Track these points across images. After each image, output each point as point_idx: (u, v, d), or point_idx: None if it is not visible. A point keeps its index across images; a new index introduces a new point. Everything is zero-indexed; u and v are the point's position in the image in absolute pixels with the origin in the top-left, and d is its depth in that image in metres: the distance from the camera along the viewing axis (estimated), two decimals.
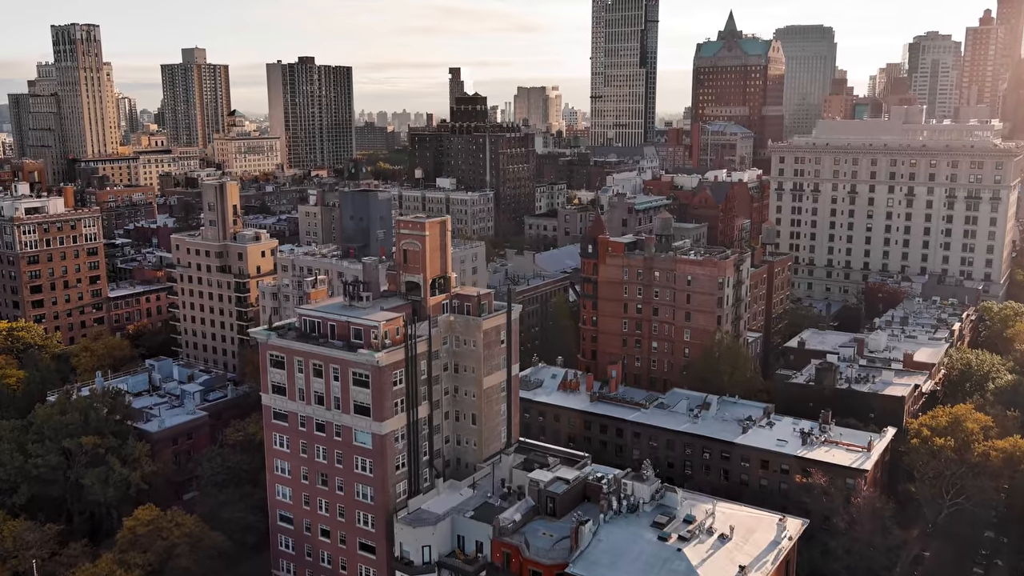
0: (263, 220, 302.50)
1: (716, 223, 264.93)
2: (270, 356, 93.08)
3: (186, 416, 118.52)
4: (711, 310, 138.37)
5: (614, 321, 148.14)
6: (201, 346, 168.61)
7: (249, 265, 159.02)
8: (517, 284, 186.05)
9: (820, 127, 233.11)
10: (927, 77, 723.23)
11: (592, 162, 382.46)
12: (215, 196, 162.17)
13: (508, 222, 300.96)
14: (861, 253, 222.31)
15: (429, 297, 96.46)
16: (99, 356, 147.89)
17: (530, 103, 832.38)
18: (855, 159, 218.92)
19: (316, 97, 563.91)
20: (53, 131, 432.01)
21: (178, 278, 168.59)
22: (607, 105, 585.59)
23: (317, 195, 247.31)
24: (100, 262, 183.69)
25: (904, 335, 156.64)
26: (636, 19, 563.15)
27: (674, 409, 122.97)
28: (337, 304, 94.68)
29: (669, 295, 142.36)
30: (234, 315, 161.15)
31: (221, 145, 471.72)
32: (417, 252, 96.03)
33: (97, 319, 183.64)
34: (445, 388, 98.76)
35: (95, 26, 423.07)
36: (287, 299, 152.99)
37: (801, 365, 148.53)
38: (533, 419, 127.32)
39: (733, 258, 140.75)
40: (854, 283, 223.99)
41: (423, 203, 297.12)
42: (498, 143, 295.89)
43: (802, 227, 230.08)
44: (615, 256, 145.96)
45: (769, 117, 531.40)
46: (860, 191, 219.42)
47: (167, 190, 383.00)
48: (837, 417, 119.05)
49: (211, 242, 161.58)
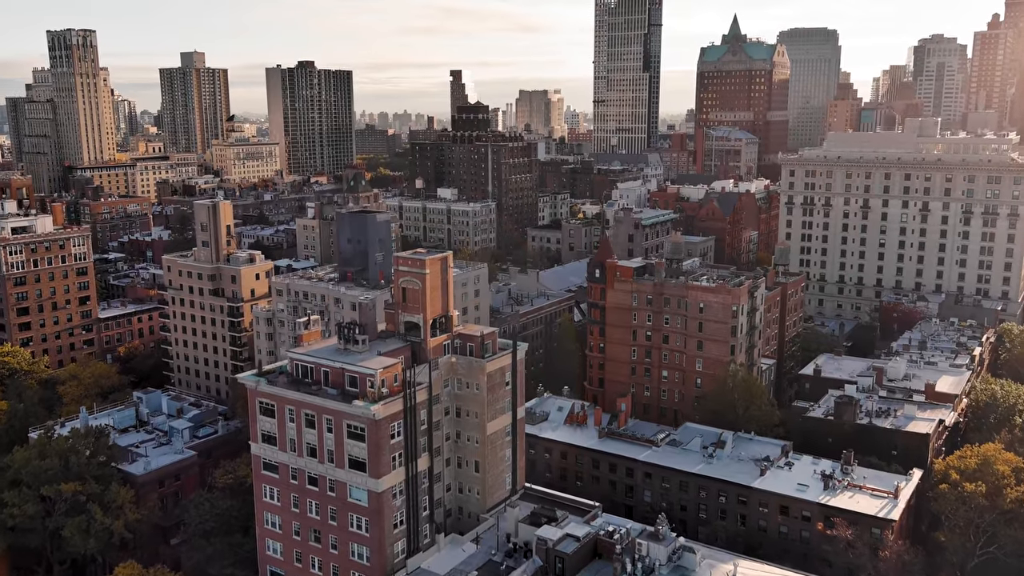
0: (260, 231, 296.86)
1: (724, 235, 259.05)
2: (260, 403, 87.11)
3: (174, 456, 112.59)
4: (724, 339, 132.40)
5: (622, 348, 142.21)
6: (193, 371, 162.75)
7: (243, 289, 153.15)
8: (520, 304, 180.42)
9: (831, 139, 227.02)
10: (932, 80, 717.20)
11: (596, 170, 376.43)
12: (208, 217, 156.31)
13: (511, 233, 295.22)
14: (874, 269, 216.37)
15: (429, 338, 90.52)
16: (86, 385, 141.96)
17: (532, 106, 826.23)
18: (868, 173, 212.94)
19: (316, 101, 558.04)
20: (49, 138, 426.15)
21: (169, 300, 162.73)
22: (610, 109, 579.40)
23: (315, 208, 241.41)
24: (90, 282, 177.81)
25: (923, 361, 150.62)
26: (639, 23, 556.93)
27: (687, 446, 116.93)
28: (331, 347, 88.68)
29: (680, 322, 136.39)
30: (227, 340, 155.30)
31: (220, 151, 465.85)
32: (417, 291, 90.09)
33: (87, 341, 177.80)
34: (446, 433, 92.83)
35: (91, 31, 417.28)
36: (282, 324, 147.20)
37: (817, 394, 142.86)
38: (539, 455, 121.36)
39: (747, 285, 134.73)
40: (866, 300, 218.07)
41: (424, 214, 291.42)
42: (500, 152, 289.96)
43: (813, 242, 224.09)
44: (624, 281, 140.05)
45: (774, 122, 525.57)
46: (873, 206, 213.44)
47: (164, 199, 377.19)
48: (858, 455, 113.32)
49: (204, 264, 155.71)
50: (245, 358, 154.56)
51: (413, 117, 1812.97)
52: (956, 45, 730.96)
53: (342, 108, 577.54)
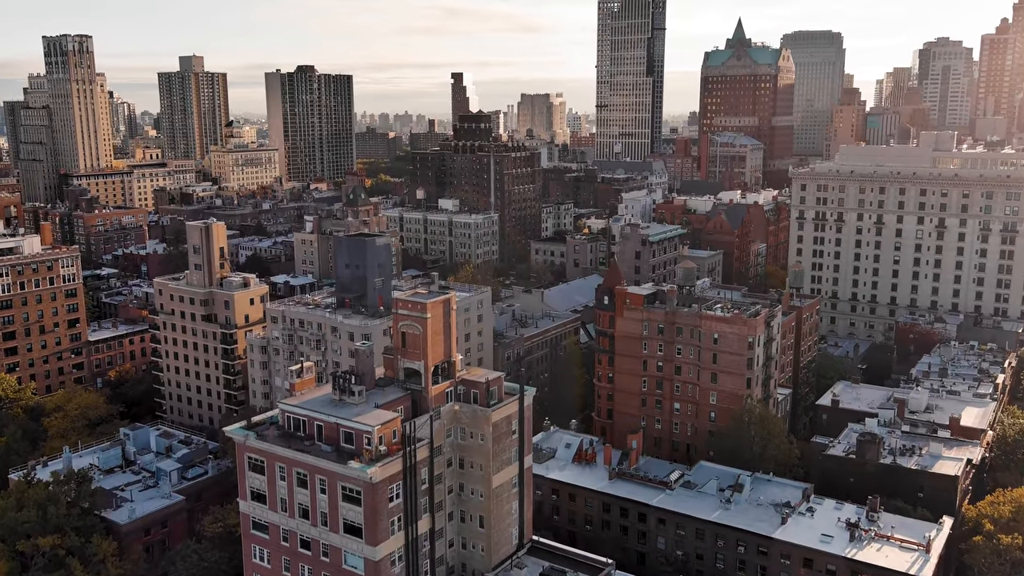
0: (258, 243, 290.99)
1: (732, 249, 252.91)
2: (248, 459, 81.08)
3: (161, 501, 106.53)
4: (740, 372, 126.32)
5: (632, 379, 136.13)
6: (185, 399, 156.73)
7: (236, 314, 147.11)
8: (524, 325, 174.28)
9: (843, 152, 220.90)
10: (938, 84, 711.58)
11: (600, 178, 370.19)
12: (200, 239, 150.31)
13: (514, 244, 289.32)
14: (888, 287, 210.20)
15: (431, 386, 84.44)
16: (72, 417, 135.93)
17: (534, 109, 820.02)
18: (882, 188, 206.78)
19: (316, 106, 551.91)
20: (45, 145, 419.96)
21: (161, 325, 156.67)
22: (612, 114, 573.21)
23: (314, 223, 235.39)
24: (80, 304, 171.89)
25: (944, 390, 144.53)
26: (643, 27, 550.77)
27: (703, 489, 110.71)
28: (326, 398, 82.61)
29: (693, 353, 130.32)
30: (220, 368, 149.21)
31: (218, 158, 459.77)
32: (417, 336, 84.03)
33: (76, 364, 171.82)
34: (449, 486, 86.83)
35: (87, 37, 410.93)
36: (277, 352, 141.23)
37: (835, 426, 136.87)
38: (546, 496, 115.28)
39: (763, 314, 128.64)
40: (880, 318, 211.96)
41: (425, 225, 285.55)
42: (503, 163, 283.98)
43: (824, 258, 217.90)
44: (634, 309, 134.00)
45: (779, 127, 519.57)
46: (887, 222, 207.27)
47: (161, 208, 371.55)
48: (882, 496, 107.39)
49: (196, 289, 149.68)
50: (239, 386, 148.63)
51: (414, 118, 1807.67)
52: (962, 48, 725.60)
53: (342, 112, 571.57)
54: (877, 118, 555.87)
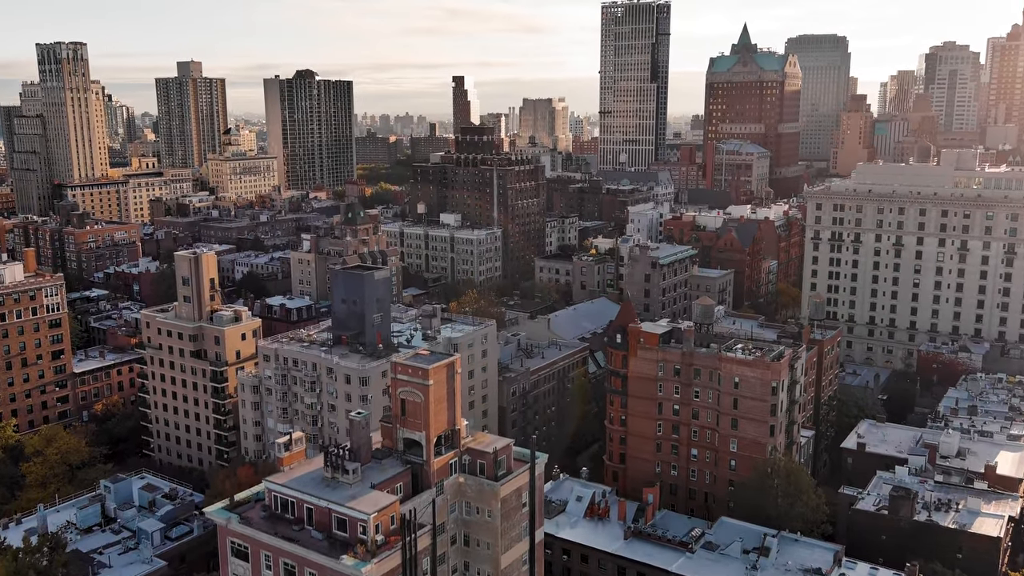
0: (255, 259, 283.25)
1: (743, 267, 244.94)
2: (231, 543, 73.22)
3: (141, 567, 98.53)
4: (763, 419, 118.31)
5: (646, 423, 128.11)
6: (173, 437, 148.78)
7: (227, 351, 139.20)
8: (530, 355, 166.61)
9: (861, 171, 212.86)
10: (944, 88, 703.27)
11: (604, 190, 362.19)
12: (190, 270, 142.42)
13: (517, 260, 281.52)
14: (907, 311, 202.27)
15: (433, 459, 76.58)
16: (52, 463, 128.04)
17: (536, 114, 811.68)
18: (901, 208, 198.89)
19: (315, 112, 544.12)
20: (39, 154, 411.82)
21: (148, 360, 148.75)
22: (616, 120, 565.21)
23: (311, 241, 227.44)
24: (64, 334, 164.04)
25: (976, 430, 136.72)
26: (647, 32, 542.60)
27: (726, 551, 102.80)
28: (317, 475, 74.62)
29: (712, 397, 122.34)
30: (210, 407, 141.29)
31: (216, 166, 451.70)
32: (418, 404, 76.18)
33: (60, 398, 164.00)
34: (453, 566, 79.11)
35: (82, 44, 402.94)
36: (269, 392, 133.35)
37: (861, 471, 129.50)
38: (556, 558, 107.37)
39: (787, 356, 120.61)
40: (899, 344, 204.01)
41: (426, 241, 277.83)
42: (506, 177, 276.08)
43: (841, 280, 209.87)
44: (648, 349, 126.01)
45: (785, 134, 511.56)
46: (907, 243, 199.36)
47: (157, 220, 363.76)
48: (917, 557, 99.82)
49: (184, 323, 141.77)
50: (230, 427, 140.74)
51: (415, 119, 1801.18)
52: (969, 53, 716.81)
53: (342, 119, 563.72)
54: (885, 125, 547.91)
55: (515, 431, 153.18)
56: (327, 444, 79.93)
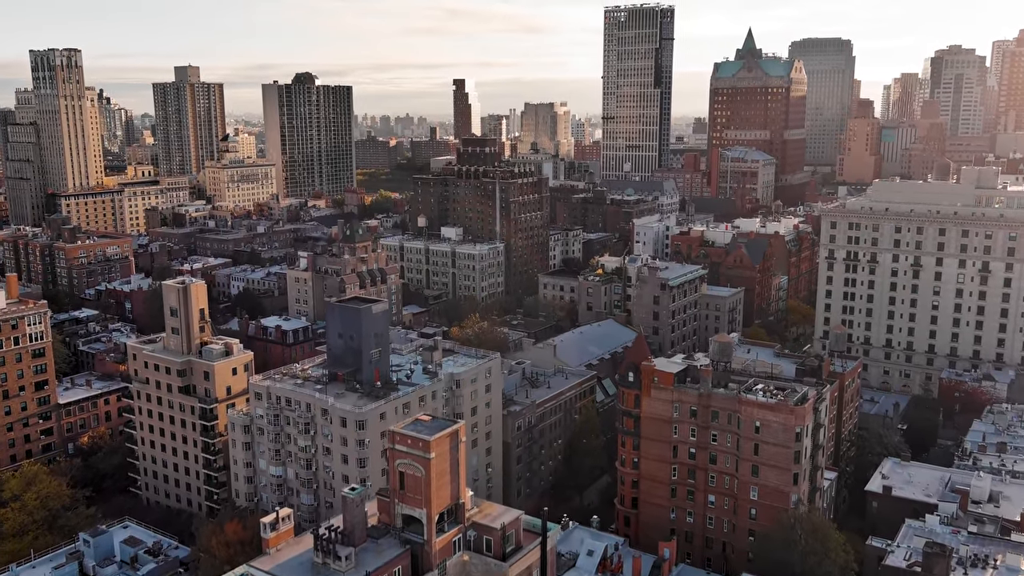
0: (251, 273, 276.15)
1: (753, 285, 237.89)
2: None
3: None
4: (786, 466, 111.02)
5: (661, 466, 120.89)
6: (161, 476, 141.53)
7: (217, 387, 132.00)
8: (536, 385, 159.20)
9: (877, 188, 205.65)
10: (950, 93, 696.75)
11: (609, 200, 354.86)
12: (178, 301, 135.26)
13: (520, 275, 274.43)
14: (925, 334, 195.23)
15: (435, 539, 69.39)
16: (31, 510, 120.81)
17: (538, 118, 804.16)
18: (920, 228, 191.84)
19: (314, 118, 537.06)
20: (32, 162, 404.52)
21: (135, 394, 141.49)
22: (619, 126, 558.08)
23: (308, 260, 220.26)
24: (48, 364, 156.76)
25: (1007, 471, 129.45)
26: (651, 37, 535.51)
27: None
28: (306, 560, 67.46)
29: (731, 441, 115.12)
30: (199, 445, 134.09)
31: (213, 174, 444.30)
32: (418, 478, 69.00)
33: (44, 430, 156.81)
34: None
35: (76, 51, 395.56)
36: (261, 432, 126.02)
37: (886, 516, 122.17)
38: None
39: (812, 399, 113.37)
40: (917, 367, 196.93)
41: (427, 256, 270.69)
42: (509, 190, 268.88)
43: (856, 301, 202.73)
44: (663, 389, 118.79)
45: (791, 141, 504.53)
46: (925, 264, 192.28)
47: (152, 231, 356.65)
48: None
49: (172, 357, 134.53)
50: (219, 467, 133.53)
51: (415, 120, 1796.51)
52: (975, 57, 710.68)
53: (341, 124, 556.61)
54: (892, 131, 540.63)
55: (520, 467, 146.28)
56: (317, 526, 72.35)
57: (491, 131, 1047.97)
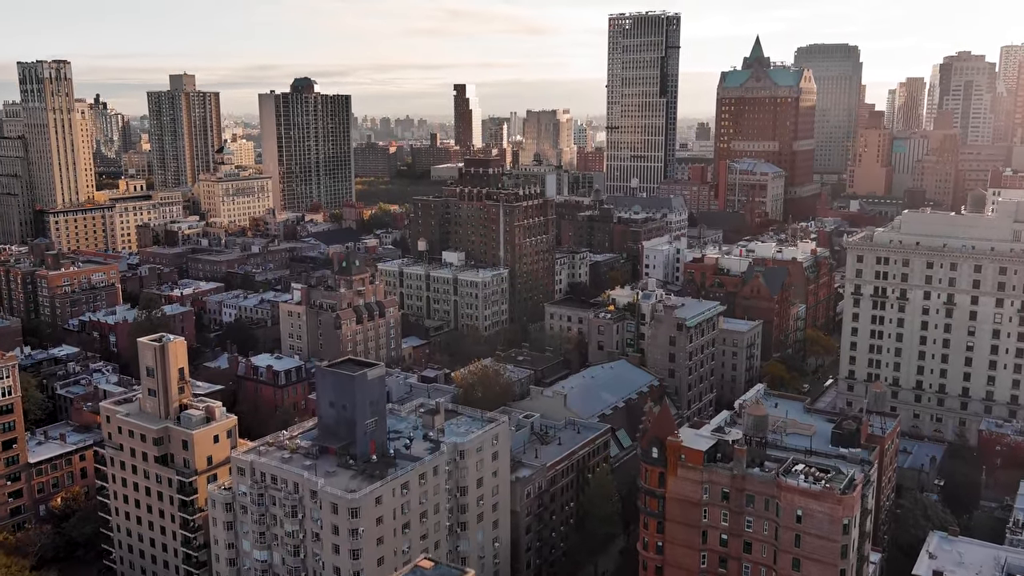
0: (243, 300, 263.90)
1: (771, 316, 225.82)
2: None
3: None
4: (832, 561, 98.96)
5: (688, 553, 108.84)
6: (137, 551, 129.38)
7: (196, 457, 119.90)
8: (545, 441, 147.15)
9: (907, 220, 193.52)
10: (959, 100, 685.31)
11: (616, 218, 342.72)
12: (155, 360, 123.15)
13: (525, 302, 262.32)
14: (959, 377, 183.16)
15: None
16: None
17: (540, 126, 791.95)
18: (953, 264, 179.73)
19: (312, 128, 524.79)
20: (20, 178, 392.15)
21: (108, 461, 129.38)
22: (624, 137, 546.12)
23: (302, 293, 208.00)
24: (16, 421, 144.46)
25: None
26: (656, 45, 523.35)
27: None
28: None
29: (768, 529, 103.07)
30: (177, 521, 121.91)
31: (208, 187, 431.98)
32: None
33: (13, 492, 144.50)
34: None
35: (65, 62, 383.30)
36: (244, 511, 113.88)
37: None
38: None
39: (859, 484, 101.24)
40: (950, 412, 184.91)
41: (427, 282, 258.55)
42: (513, 214, 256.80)
43: (884, 340, 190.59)
44: (691, 468, 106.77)
45: (800, 152, 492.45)
46: (959, 302, 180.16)
47: (143, 250, 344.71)
48: None
49: (148, 424, 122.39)
50: (199, 545, 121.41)
51: (416, 122, 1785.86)
52: (984, 64, 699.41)
53: (340, 134, 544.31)
54: (903, 142, 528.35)
55: (530, 536, 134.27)
56: None
57: (492, 136, 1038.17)
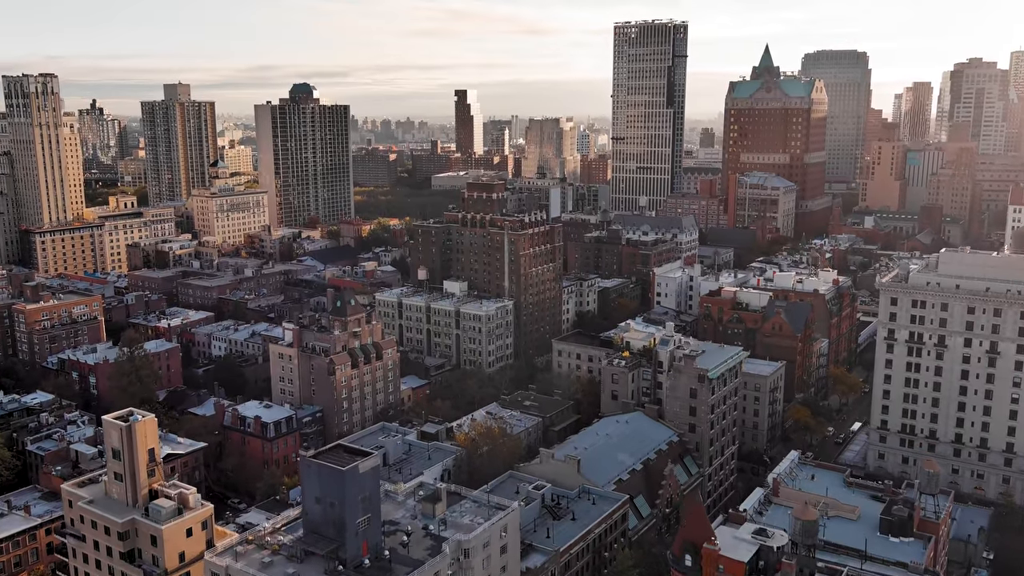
0: (234, 333, 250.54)
1: (794, 356, 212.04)
2: None
3: None
4: None
5: None
6: None
7: (166, 555, 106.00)
8: (558, 516, 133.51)
9: (945, 260, 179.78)
10: (971, 108, 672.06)
11: (624, 240, 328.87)
12: (121, 441, 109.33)
13: (530, 336, 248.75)
14: (1003, 431, 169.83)
15: None
16: None
17: (543, 135, 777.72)
18: (997, 309, 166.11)
19: (309, 140, 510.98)
20: (6, 195, 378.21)
21: (71, 552, 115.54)
22: (629, 148, 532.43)
23: (294, 335, 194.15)
24: None
25: None
26: (663, 54, 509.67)
27: None
28: None
29: None
30: None
31: (201, 203, 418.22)
32: None
33: None
34: None
35: (52, 76, 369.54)
36: None
37: None
38: None
39: None
40: (993, 468, 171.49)
41: (428, 315, 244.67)
42: (518, 242, 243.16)
43: (920, 389, 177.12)
44: None
45: (811, 165, 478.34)
46: (1004, 351, 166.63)
47: (131, 273, 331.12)
48: None
49: (112, 516, 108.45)
50: None
51: (416, 125, 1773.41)
52: (996, 71, 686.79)
53: (338, 144, 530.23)
54: (918, 155, 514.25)
55: None
56: None
57: (494, 141, 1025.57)
